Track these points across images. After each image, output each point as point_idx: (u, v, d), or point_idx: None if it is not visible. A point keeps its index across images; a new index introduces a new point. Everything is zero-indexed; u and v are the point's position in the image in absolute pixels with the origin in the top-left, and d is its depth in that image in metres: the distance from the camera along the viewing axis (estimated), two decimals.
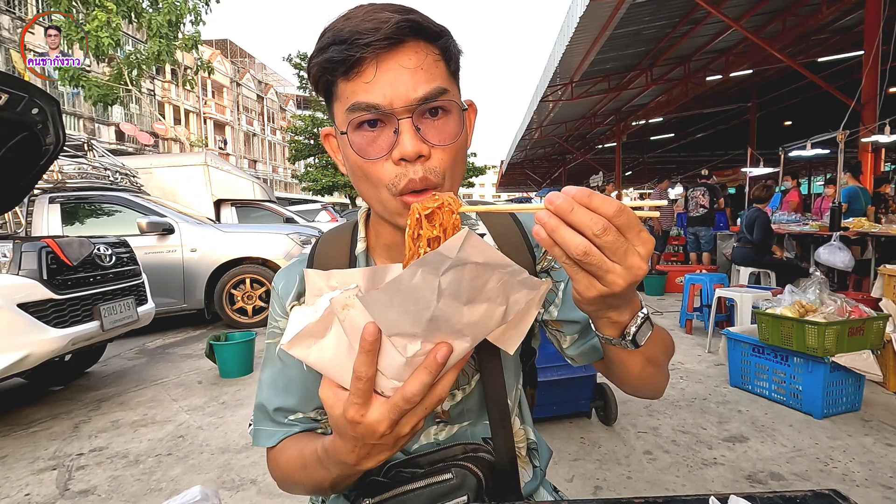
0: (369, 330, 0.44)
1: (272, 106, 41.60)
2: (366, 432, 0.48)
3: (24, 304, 2.77)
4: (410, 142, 0.55)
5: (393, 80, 0.55)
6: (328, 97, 0.62)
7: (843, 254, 4.80)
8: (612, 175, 17.87)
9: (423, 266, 0.40)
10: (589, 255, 0.42)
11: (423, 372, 0.45)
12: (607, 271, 0.43)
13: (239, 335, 3.80)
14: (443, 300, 0.42)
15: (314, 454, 0.60)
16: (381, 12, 0.55)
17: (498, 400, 0.71)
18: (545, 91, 11.23)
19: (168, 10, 10.96)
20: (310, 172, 21.97)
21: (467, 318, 0.45)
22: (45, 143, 3.03)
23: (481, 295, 0.45)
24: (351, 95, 0.57)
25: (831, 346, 2.57)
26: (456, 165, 0.61)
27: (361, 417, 0.48)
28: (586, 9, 6.71)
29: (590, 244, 0.42)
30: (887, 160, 13.80)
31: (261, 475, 2.24)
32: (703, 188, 7.11)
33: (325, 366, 0.49)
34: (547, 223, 0.43)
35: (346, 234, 0.76)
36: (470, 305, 0.45)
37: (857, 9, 7.67)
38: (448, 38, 0.60)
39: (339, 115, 0.60)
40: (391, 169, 0.58)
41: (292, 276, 0.74)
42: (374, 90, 0.55)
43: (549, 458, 0.84)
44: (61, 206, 5.07)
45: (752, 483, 2.06)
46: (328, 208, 11.76)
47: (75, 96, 19.19)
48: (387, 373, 0.47)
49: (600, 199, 0.42)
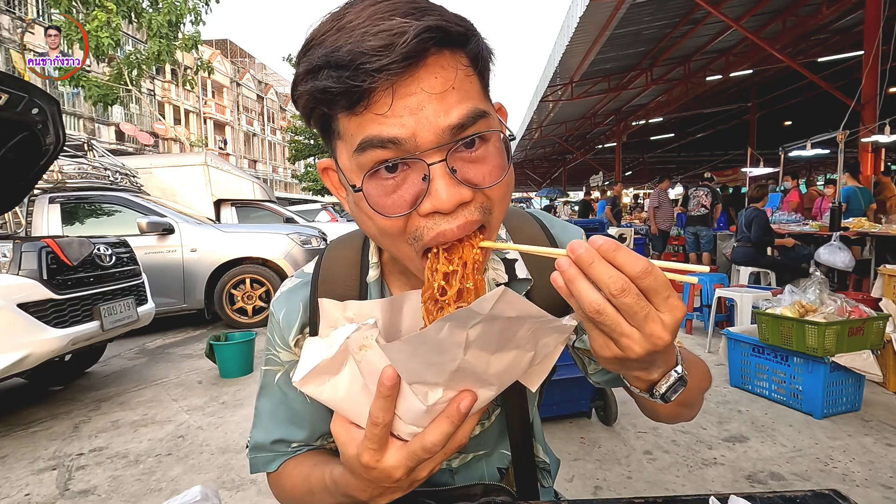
0: (388, 374, 0.41)
1: (272, 106, 41.62)
2: (381, 476, 0.45)
3: (24, 304, 2.77)
4: (447, 191, 0.43)
5: (415, 107, 0.43)
6: (325, 132, 0.49)
7: (843, 254, 4.80)
8: (612, 175, 17.87)
9: (451, 321, 0.37)
10: (602, 315, 0.38)
11: (445, 422, 0.43)
12: (621, 335, 0.39)
13: (239, 335, 3.80)
14: (470, 352, 0.40)
15: (321, 482, 0.56)
16: (390, 17, 0.41)
17: (520, 432, 0.68)
18: (545, 91, 11.25)
19: (168, 10, 10.96)
20: (310, 172, 22.00)
21: (495, 367, 0.43)
22: (45, 143, 3.03)
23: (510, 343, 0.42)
24: (358, 131, 0.44)
25: (831, 346, 2.57)
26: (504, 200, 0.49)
27: (377, 463, 0.45)
28: (586, 9, 6.72)
29: (605, 303, 0.38)
30: (887, 160, 13.80)
31: (261, 475, 2.23)
32: (705, 188, 7.12)
33: (338, 403, 0.47)
34: (566, 272, 0.38)
35: (355, 255, 0.66)
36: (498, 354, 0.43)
37: (857, 9, 7.68)
38: (477, 39, 0.47)
39: (343, 156, 0.47)
40: (417, 221, 0.46)
41: (294, 305, 0.66)
42: (390, 122, 0.43)
43: (558, 470, 0.82)
44: (61, 206, 5.06)
45: (752, 483, 2.06)
46: (328, 208, 11.76)
47: (75, 96, 19.19)
48: (405, 418, 0.44)
49: (626, 254, 0.37)
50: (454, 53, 0.44)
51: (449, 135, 0.43)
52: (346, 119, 0.45)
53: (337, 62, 0.41)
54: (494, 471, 0.71)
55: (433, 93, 0.43)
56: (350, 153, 0.46)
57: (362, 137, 0.44)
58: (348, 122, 0.45)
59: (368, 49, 0.40)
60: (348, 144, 0.46)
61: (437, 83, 0.43)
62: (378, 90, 0.42)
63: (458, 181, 0.44)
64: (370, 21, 0.41)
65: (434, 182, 0.43)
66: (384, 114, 0.42)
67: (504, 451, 0.70)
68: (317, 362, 0.45)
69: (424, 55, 0.42)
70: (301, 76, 0.45)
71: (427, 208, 0.44)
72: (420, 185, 0.44)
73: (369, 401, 0.44)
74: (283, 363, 0.66)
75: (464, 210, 0.45)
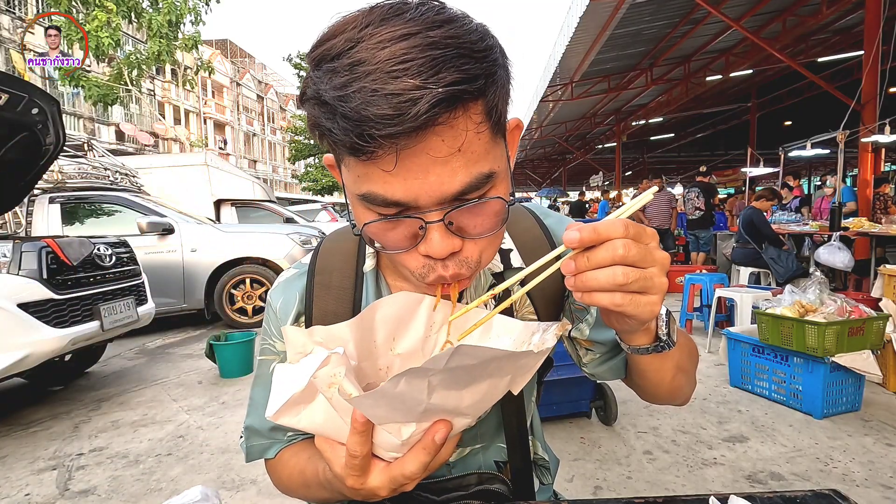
0: (359, 413, 0.42)
1: (272, 106, 41.62)
2: (368, 495, 0.47)
3: (24, 304, 2.77)
4: (440, 243, 0.46)
5: (419, 173, 0.43)
6: (330, 149, 0.49)
7: (843, 254, 4.80)
8: (612, 175, 17.86)
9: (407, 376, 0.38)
10: (622, 305, 0.42)
11: (422, 453, 0.44)
12: (645, 303, 0.43)
13: (239, 335, 3.80)
14: (435, 394, 0.40)
15: (315, 476, 0.57)
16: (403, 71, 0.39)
17: (516, 426, 0.69)
18: (545, 91, 11.25)
19: (168, 10, 10.96)
20: (310, 172, 22.00)
21: (468, 400, 0.43)
22: (45, 143, 3.02)
23: (481, 377, 0.42)
24: (362, 178, 0.45)
25: (831, 346, 2.57)
26: (491, 248, 0.52)
27: (361, 486, 0.46)
28: (586, 9, 6.72)
29: (623, 294, 0.42)
30: (887, 160, 13.80)
31: (261, 475, 2.24)
32: (696, 189, 7.14)
33: (318, 429, 0.47)
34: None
35: (353, 247, 0.68)
36: (470, 388, 0.42)
37: (857, 9, 7.68)
38: (496, 85, 0.44)
39: (346, 178, 0.48)
40: (416, 258, 0.49)
41: (291, 294, 0.67)
42: (394, 183, 0.43)
43: (557, 469, 0.82)
44: (61, 206, 5.06)
45: (752, 483, 2.06)
46: (328, 208, 11.77)
47: (75, 96, 19.18)
48: (383, 446, 0.45)
49: (606, 226, 0.42)
50: (467, 110, 0.42)
51: (449, 199, 0.45)
52: (351, 160, 0.45)
53: (344, 114, 0.40)
54: (492, 464, 0.71)
55: (438, 156, 0.42)
56: (352, 191, 0.47)
57: (367, 191, 0.45)
58: (354, 162, 0.44)
59: (375, 116, 0.39)
60: (351, 177, 0.46)
61: (444, 147, 0.42)
62: (383, 149, 0.41)
63: (452, 233, 0.47)
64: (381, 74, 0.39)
65: (430, 233, 0.46)
66: (389, 171, 0.42)
67: (501, 445, 0.71)
68: (288, 396, 0.45)
69: (436, 119, 0.40)
70: (311, 95, 0.44)
71: (423, 251, 0.47)
72: (417, 231, 0.47)
73: (349, 425, 0.44)
74: (278, 353, 0.67)
75: (454, 260, 0.48)
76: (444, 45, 0.40)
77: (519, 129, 0.54)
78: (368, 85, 0.39)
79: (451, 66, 0.40)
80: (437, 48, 0.40)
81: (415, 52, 0.39)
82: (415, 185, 0.43)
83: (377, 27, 0.41)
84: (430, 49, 0.40)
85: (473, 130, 0.43)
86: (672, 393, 0.63)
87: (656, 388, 0.62)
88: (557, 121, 15.94)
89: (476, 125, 0.43)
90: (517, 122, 0.53)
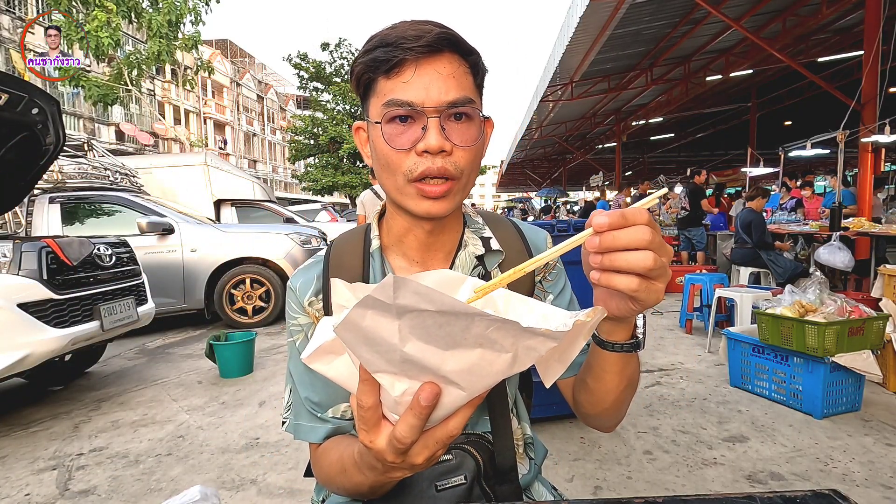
0: None
1: (272, 106, 41.60)
2: (378, 456, 0.49)
3: (24, 304, 2.77)
4: (435, 137, 0.62)
5: (428, 83, 0.62)
6: (366, 93, 0.68)
7: (843, 254, 4.80)
8: (612, 175, 17.86)
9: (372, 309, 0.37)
10: (637, 291, 0.45)
11: (409, 413, 0.44)
12: (656, 290, 0.47)
13: (239, 335, 3.80)
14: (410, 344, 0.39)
15: (351, 458, 0.61)
16: (425, 25, 0.64)
17: (499, 401, 0.74)
18: (545, 91, 11.23)
19: (168, 10, 10.97)
20: (310, 172, 21.96)
21: (452, 364, 0.42)
22: (45, 143, 3.02)
23: (465, 341, 0.41)
24: (389, 92, 0.63)
25: (831, 346, 2.57)
26: (473, 167, 0.67)
27: (371, 444, 0.48)
28: (586, 9, 6.72)
29: (641, 280, 0.45)
30: (887, 160, 13.80)
31: (261, 475, 2.24)
32: (683, 188, 7.28)
33: (345, 381, 0.48)
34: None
35: (361, 234, 0.80)
36: (454, 351, 0.41)
37: (857, 9, 7.68)
38: (478, 57, 0.68)
39: (374, 109, 0.66)
40: (413, 159, 0.63)
41: (310, 276, 0.77)
42: (410, 89, 0.62)
43: (545, 455, 0.87)
44: (61, 206, 5.06)
45: (752, 483, 2.06)
46: (328, 208, 11.77)
47: (75, 96, 19.19)
48: (386, 405, 0.46)
49: (633, 214, 0.45)
50: (461, 58, 0.65)
51: (445, 105, 0.62)
52: (383, 81, 0.64)
53: (386, 43, 0.62)
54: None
55: (442, 74, 0.62)
56: (380, 105, 0.64)
57: (390, 97, 0.63)
58: (384, 84, 0.64)
59: (407, 36, 0.61)
60: (379, 100, 0.64)
61: (446, 69, 0.63)
62: (408, 62, 0.62)
63: (445, 136, 0.62)
64: (412, 25, 0.64)
65: (428, 130, 0.62)
66: (407, 82, 0.62)
67: (486, 419, 0.75)
68: (322, 342, 0.47)
69: (441, 49, 0.63)
70: (360, 55, 0.65)
71: (421, 147, 0.62)
72: (419, 133, 0.63)
73: None
74: (301, 327, 0.75)
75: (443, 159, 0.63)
76: (450, 28, 0.65)
77: (490, 125, 0.72)
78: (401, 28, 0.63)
79: (455, 32, 0.64)
80: (445, 25, 0.64)
81: (433, 21, 0.65)
82: (423, 93, 0.62)
83: (407, 20, 0.66)
84: (442, 24, 0.64)
85: (464, 70, 0.65)
86: (617, 405, 0.65)
87: (605, 396, 0.63)
88: (557, 121, 15.93)
89: (466, 70, 0.65)
90: (489, 118, 0.70)
